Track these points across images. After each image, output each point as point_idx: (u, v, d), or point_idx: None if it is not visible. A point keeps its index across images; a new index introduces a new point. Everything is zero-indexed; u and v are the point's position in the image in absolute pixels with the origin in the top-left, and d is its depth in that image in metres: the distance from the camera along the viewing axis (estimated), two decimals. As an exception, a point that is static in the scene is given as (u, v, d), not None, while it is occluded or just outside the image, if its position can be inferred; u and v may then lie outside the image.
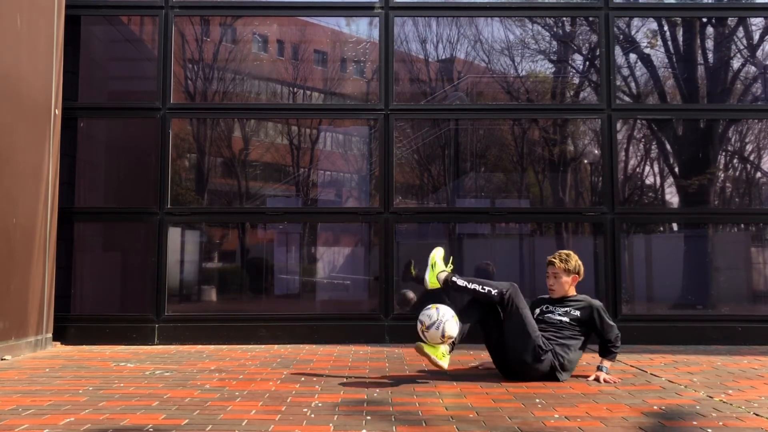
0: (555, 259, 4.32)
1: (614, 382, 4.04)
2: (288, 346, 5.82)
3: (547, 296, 4.41)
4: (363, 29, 6.96)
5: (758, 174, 7.28)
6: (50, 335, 5.77)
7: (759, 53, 7.04)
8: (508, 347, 4.03)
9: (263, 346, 5.85)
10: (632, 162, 7.21)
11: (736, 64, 7.05)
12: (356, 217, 6.71)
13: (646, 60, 7.07)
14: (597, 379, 4.07)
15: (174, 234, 6.35)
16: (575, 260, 4.30)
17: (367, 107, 6.71)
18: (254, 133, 7.78)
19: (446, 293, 4.37)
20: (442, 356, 3.93)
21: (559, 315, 4.21)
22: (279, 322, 6.08)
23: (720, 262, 6.76)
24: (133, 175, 6.78)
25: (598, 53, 6.60)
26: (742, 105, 6.93)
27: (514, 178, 7.49)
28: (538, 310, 4.30)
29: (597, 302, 4.26)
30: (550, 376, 4.02)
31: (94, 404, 3.41)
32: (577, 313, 4.18)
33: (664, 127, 7.10)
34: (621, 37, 6.89)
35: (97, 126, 6.68)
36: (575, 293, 4.33)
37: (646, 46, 7.08)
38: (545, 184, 7.29)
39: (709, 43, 7.17)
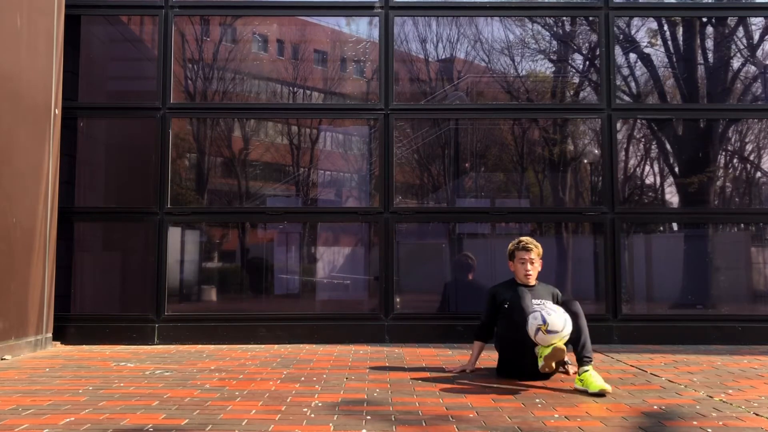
0: (531, 245, 4.33)
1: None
2: (288, 346, 5.82)
3: (507, 283, 4.39)
4: (363, 29, 6.96)
5: (758, 174, 7.27)
6: (50, 335, 5.77)
7: (759, 53, 7.03)
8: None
9: (263, 346, 5.85)
10: (632, 162, 7.21)
11: (736, 64, 7.04)
12: (356, 217, 6.71)
13: (646, 60, 7.06)
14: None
15: (174, 234, 6.35)
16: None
17: (367, 107, 6.70)
18: (254, 133, 7.77)
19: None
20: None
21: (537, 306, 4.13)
22: (279, 322, 6.08)
23: (720, 262, 6.75)
24: (133, 175, 6.77)
25: (598, 53, 6.60)
26: (742, 105, 6.93)
27: (514, 178, 7.49)
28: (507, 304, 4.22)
29: (556, 289, 4.41)
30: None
31: (94, 404, 3.41)
32: (549, 300, 4.23)
33: (664, 127, 7.10)
34: (621, 37, 6.89)
35: (97, 126, 6.68)
36: None
37: (646, 46, 7.08)
38: (545, 184, 7.29)
39: (709, 43, 7.16)
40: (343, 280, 7.11)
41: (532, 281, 4.34)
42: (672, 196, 7.26)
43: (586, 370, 3.83)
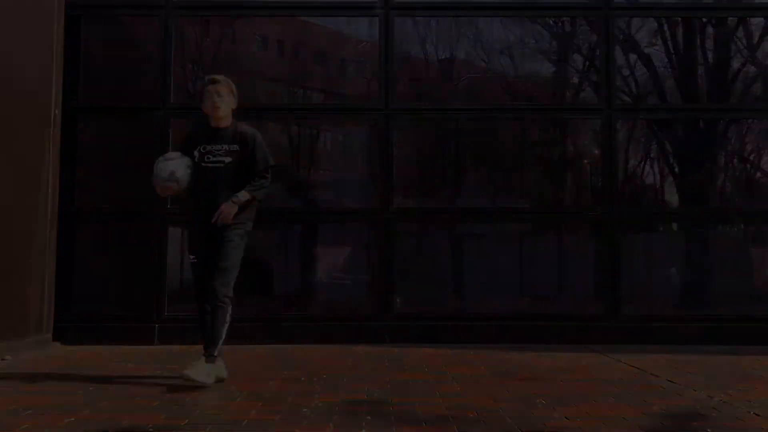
0: (219, 77, 4.17)
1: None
2: (288, 346, 5.82)
3: (198, 128, 4.18)
4: (363, 29, 6.95)
5: (758, 174, 7.27)
6: (50, 335, 5.77)
7: (759, 53, 7.03)
8: None
9: (263, 346, 5.84)
10: (632, 162, 7.20)
11: (736, 64, 7.04)
12: (356, 217, 6.70)
13: (646, 60, 7.06)
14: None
15: (174, 234, 6.34)
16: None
17: (367, 107, 6.70)
18: (254, 133, 7.75)
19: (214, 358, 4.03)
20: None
21: (221, 155, 4.05)
22: (279, 322, 6.07)
23: (720, 262, 6.75)
24: (133, 175, 6.75)
25: (598, 53, 6.59)
26: (742, 105, 6.93)
27: (514, 178, 7.48)
28: (196, 153, 4.06)
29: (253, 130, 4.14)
30: None
31: (94, 404, 3.41)
32: (236, 146, 4.06)
33: (664, 127, 7.10)
34: (621, 37, 6.88)
35: (97, 126, 6.67)
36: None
37: (646, 46, 7.07)
38: (545, 184, 7.28)
39: (709, 43, 7.16)
40: (343, 280, 7.10)
41: (222, 123, 4.15)
42: (672, 196, 7.25)
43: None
